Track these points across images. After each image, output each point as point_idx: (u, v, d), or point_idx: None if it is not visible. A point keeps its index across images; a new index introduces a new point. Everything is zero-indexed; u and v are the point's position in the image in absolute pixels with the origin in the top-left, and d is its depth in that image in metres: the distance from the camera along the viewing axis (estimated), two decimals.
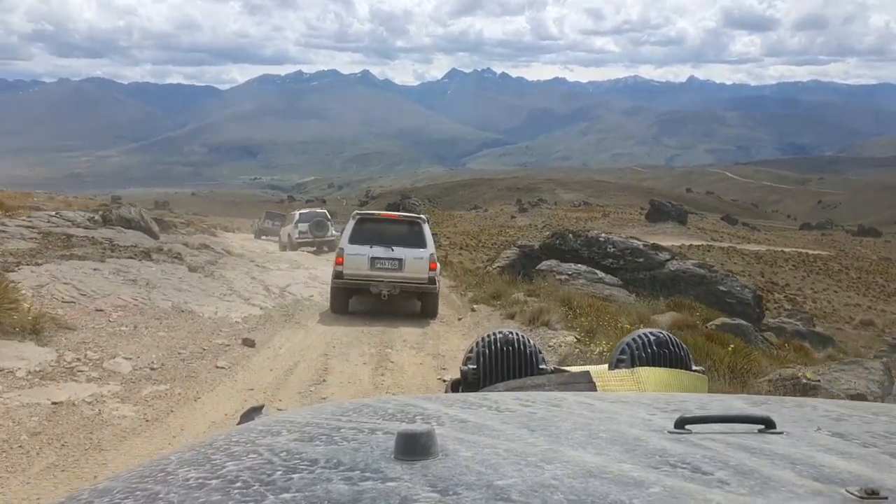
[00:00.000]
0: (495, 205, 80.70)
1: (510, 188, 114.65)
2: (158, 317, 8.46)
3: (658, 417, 0.83)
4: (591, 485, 0.56)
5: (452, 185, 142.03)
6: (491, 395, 1.02)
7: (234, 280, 11.93)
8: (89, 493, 0.61)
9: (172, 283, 10.43)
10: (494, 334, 1.56)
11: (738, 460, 0.64)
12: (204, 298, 9.99)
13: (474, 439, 0.70)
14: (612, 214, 59.77)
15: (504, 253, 17.13)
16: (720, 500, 0.53)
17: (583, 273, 14.65)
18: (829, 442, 0.73)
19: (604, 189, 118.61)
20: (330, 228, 21.15)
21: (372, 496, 0.53)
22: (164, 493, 0.57)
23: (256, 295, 11.03)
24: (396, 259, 10.10)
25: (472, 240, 40.39)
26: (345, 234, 10.48)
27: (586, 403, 0.92)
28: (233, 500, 0.54)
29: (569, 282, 13.73)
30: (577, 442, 0.70)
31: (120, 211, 16.70)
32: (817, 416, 0.89)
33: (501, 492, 0.54)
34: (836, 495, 0.55)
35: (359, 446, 0.68)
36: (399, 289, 10.15)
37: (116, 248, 12.23)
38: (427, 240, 10.36)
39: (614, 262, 16.30)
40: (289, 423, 0.79)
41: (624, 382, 1.27)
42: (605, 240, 17.04)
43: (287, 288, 12.15)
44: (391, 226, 10.57)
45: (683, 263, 16.44)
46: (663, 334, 1.46)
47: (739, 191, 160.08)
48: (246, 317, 9.38)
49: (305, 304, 11.02)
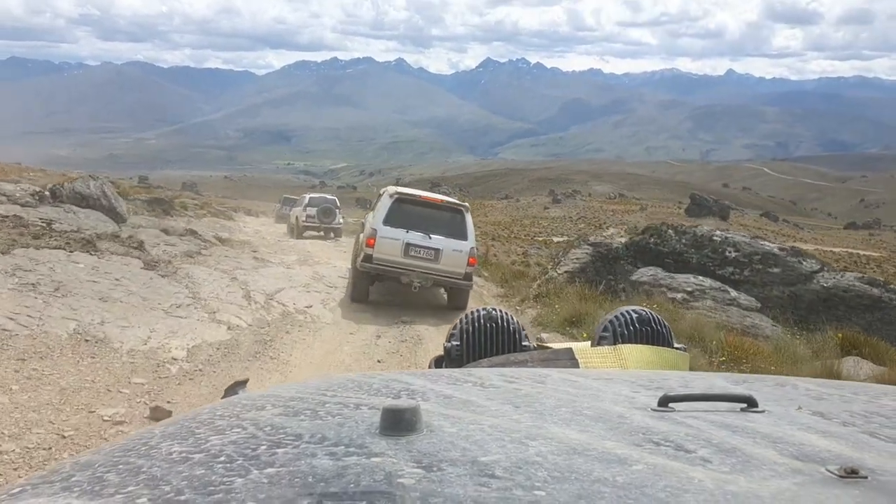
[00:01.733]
0: (527, 195, 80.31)
1: (542, 179, 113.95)
2: (32, 353, 5.31)
3: (641, 395, 0.84)
4: (574, 462, 0.56)
5: (483, 174, 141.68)
6: (476, 372, 1.02)
7: (204, 281, 8.91)
8: (71, 467, 0.60)
9: (100, 288, 7.34)
10: (478, 310, 1.58)
11: (720, 438, 0.65)
12: (140, 314, 6.89)
13: (459, 415, 0.70)
14: (649, 208, 58.89)
15: (572, 253, 12.77)
16: (702, 477, 0.54)
17: (708, 290, 10.22)
18: (810, 421, 0.74)
19: (637, 182, 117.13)
20: (337, 216, 21.48)
21: (356, 471, 0.53)
22: (148, 466, 0.57)
23: (229, 306, 8.01)
24: (433, 249, 9.20)
25: (504, 230, 40.17)
26: (378, 212, 9.48)
27: (570, 380, 0.93)
28: (216, 475, 0.54)
29: (689, 303, 9.84)
30: (561, 419, 0.70)
31: (74, 185, 13.21)
32: (798, 395, 0.90)
33: (486, 468, 0.54)
34: (816, 474, 0.56)
35: (343, 421, 0.68)
36: (432, 281, 9.37)
37: (47, 233, 9.21)
38: (469, 231, 9.53)
39: (736, 271, 11.66)
40: (273, 398, 0.79)
41: (606, 359, 1.26)
42: (722, 239, 12.22)
43: (277, 294, 9.19)
44: (431, 211, 9.61)
45: (840, 278, 11.67)
46: (646, 312, 1.46)
47: (777, 187, 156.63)
48: (194, 347, 6.29)
49: (297, 322, 8.04)
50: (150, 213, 16.58)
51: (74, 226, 10.51)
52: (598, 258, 12.78)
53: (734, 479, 0.54)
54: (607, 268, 12.46)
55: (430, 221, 9.42)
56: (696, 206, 52.84)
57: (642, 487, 0.51)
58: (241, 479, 0.53)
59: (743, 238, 12.73)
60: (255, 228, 22.86)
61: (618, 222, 48.10)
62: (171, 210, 18.71)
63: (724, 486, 0.52)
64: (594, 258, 12.77)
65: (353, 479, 0.52)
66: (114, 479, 0.55)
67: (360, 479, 0.52)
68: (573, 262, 12.72)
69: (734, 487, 0.52)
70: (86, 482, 0.55)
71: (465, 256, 9.32)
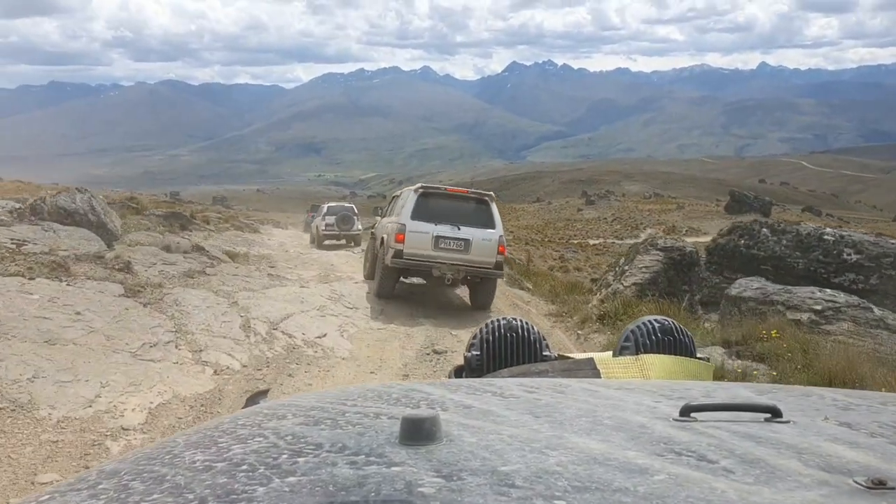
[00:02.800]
0: (559, 197, 78.94)
1: (573, 180, 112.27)
2: None
3: (663, 405, 0.83)
4: (595, 471, 0.56)
5: (513, 177, 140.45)
6: (495, 381, 1.02)
7: (195, 309, 7.38)
8: (97, 475, 0.61)
9: (50, 326, 5.79)
10: (498, 320, 1.56)
11: (743, 449, 0.64)
12: (95, 360, 5.34)
13: (479, 425, 0.70)
14: (686, 206, 57.04)
15: (639, 260, 10.70)
16: (725, 488, 0.53)
17: (844, 309, 7.70)
18: (836, 431, 0.72)
19: (671, 180, 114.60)
20: (356, 223, 21.46)
21: (377, 480, 0.54)
22: (171, 475, 0.58)
23: (221, 340, 6.53)
24: (463, 240, 9.20)
25: (538, 234, 39.02)
26: (405, 208, 9.40)
27: (591, 390, 0.92)
28: (239, 483, 0.54)
29: (819, 326, 7.51)
30: (581, 429, 0.70)
31: (57, 199, 11.70)
32: (824, 405, 0.88)
33: (506, 477, 0.54)
34: (842, 485, 0.55)
35: (363, 431, 0.68)
36: (463, 273, 9.30)
37: (10, 256, 8.13)
38: (496, 220, 9.51)
39: (859, 279, 9.17)
40: (294, 407, 0.79)
41: (628, 369, 1.25)
42: (836, 239, 9.72)
43: (284, 321, 7.67)
44: (457, 202, 9.59)
45: None
46: (668, 321, 1.45)
47: (817, 181, 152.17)
48: (159, 407, 4.82)
49: (305, 358, 6.62)
50: (165, 228, 15.61)
51: (50, 246, 9.30)
52: (670, 266, 10.49)
53: (758, 491, 0.53)
54: (682, 277, 10.45)
55: (457, 213, 9.41)
56: (735, 203, 51.11)
57: (664, 498, 0.51)
58: (262, 488, 0.53)
59: (865, 236, 10.05)
60: (281, 241, 22.28)
61: (655, 222, 46.62)
62: (189, 224, 17.70)
63: (748, 498, 0.52)
64: (666, 266, 10.46)
65: (374, 488, 0.52)
66: (139, 487, 0.56)
67: (381, 488, 0.52)
68: (641, 272, 10.44)
69: (758, 499, 0.52)
70: (112, 490, 0.56)
71: (494, 245, 9.31)
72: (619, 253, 19.11)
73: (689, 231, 46.96)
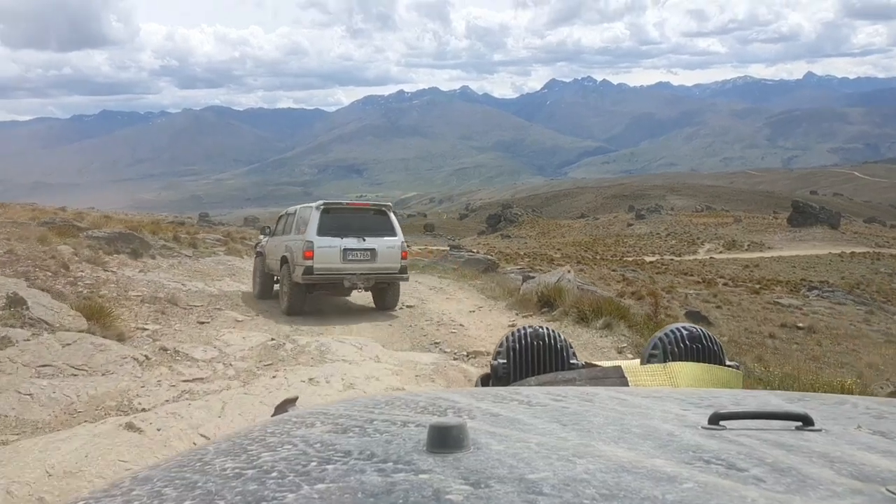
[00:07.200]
0: (604, 212, 77.76)
1: (616, 196, 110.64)
2: None
3: (691, 413, 0.82)
4: (623, 479, 0.56)
5: (554, 194, 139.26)
6: (522, 390, 1.03)
7: None
8: (130, 482, 0.62)
9: None
10: (524, 329, 1.56)
11: (774, 457, 0.63)
12: None
13: (506, 433, 0.71)
14: (745, 220, 55.11)
15: None
16: (755, 496, 0.53)
17: None
18: (870, 440, 0.72)
19: (718, 194, 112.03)
20: None
21: (405, 488, 0.54)
22: (203, 482, 0.59)
23: None
24: (369, 249, 9.80)
25: (587, 252, 37.95)
26: (309, 225, 9.73)
27: (618, 398, 0.92)
28: (269, 490, 0.55)
29: None
30: (609, 437, 0.70)
31: None
32: (857, 413, 0.87)
33: (533, 485, 0.55)
34: (876, 494, 0.55)
35: (391, 438, 0.68)
36: (373, 280, 9.91)
37: None
38: (396, 228, 10.17)
39: None
40: (322, 415, 0.80)
41: (656, 377, 1.25)
42: None
43: None
44: (357, 215, 10.20)
45: None
46: (696, 329, 1.44)
47: (871, 191, 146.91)
48: None
49: None
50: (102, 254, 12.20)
51: None
52: None
53: (789, 499, 0.53)
54: None
55: (359, 225, 9.95)
56: (798, 215, 49.15)
57: None
58: (292, 495, 0.54)
59: None
60: None
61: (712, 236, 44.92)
62: (145, 249, 14.06)
63: None
64: None
65: (402, 496, 0.53)
66: (171, 494, 0.57)
67: (409, 496, 0.52)
68: None
69: None
70: (145, 496, 0.57)
71: (398, 251, 10.00)
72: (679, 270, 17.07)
73: (752, 245, 44.80)
